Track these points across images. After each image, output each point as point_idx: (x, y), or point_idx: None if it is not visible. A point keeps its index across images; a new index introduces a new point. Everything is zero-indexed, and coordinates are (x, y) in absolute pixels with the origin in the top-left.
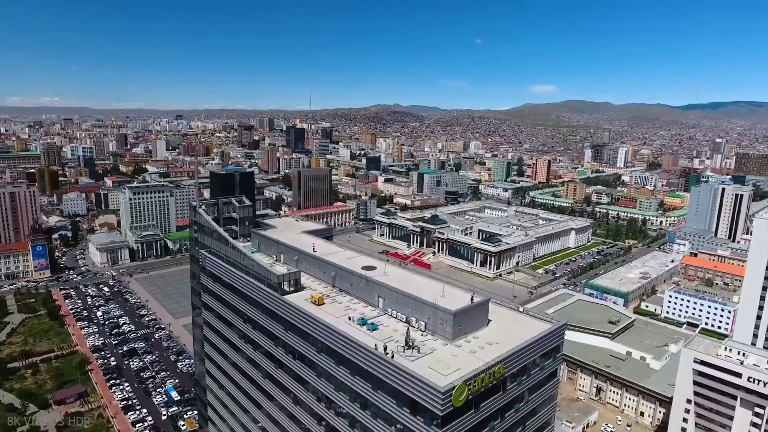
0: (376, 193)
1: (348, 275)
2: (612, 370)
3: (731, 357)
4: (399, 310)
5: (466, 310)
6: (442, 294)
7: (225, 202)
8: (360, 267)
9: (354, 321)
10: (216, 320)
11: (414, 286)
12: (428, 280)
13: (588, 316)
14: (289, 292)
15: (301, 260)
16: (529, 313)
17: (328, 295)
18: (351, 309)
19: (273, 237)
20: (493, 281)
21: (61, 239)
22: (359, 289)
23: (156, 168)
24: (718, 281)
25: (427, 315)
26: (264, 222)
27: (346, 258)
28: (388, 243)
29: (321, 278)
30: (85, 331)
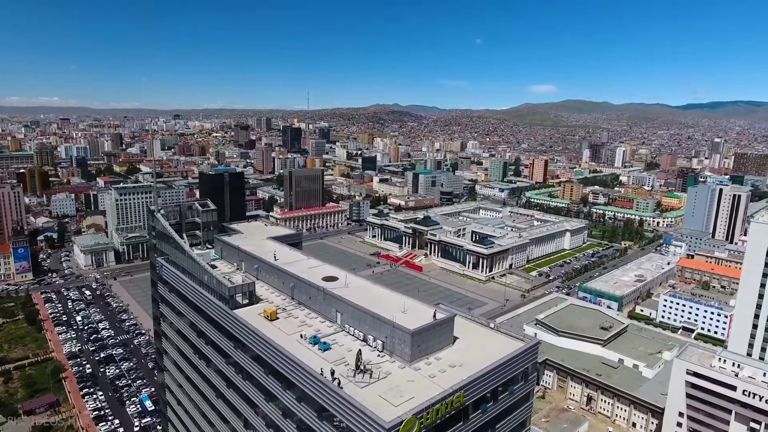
0: (371, 194)
1: (306, 287)
2: (603, 378)
3: (725, 368)
4: (357, 326)
5: (427, 329)
6: (403, 309)
7: (188, 206)
8: (320, 278)
9: (306, 339)
10: (172, 332)
11: (374, 300)
12: (392, 292)
13: (580, 322)
14: (242, 305)
15: (261, 269)
16: (501, 330)
17: (284, 309)
18: (306, 325)
19: (234, 244)
20: (486, 284)
21: (47, 241)
22: (317, 302)
23: (150, 168)
24: (715, 284)
25: (384, 333)
26: (230, 227)
27: (307, 267)
28: (379, 244)
29: (281, 289)
30: (63, 337)
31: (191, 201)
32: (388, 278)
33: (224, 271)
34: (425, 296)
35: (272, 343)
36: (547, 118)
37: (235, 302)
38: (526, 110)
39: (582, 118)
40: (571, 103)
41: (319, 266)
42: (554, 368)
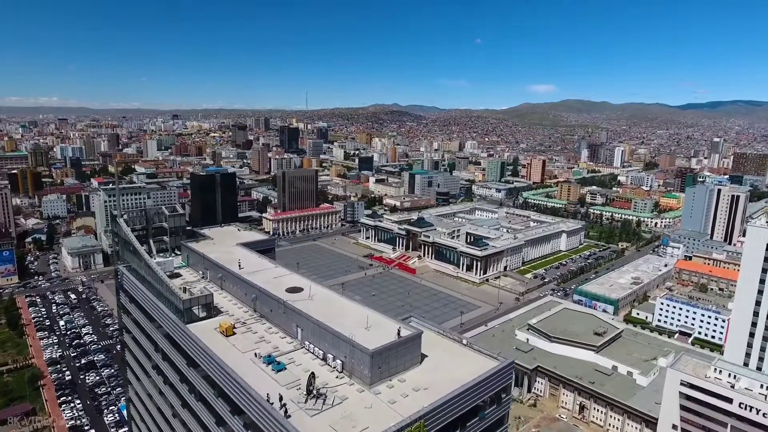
0: (367, 194)
1: (268, 299)
2: (596, 386)
3: (721, 379)
4: (317, 344)
5: (390, 348)
6: (367, 325)
7: (155, 210)
8: (284, 289)
9: (260, 358)
10: (133, 344)
11: (338, 314)
12: (358, 305)
13: (573, 327)
14: (199, 319)
15: (225, 279)
16: (474, 347)
17: (244, 323)
18: (265, 341)
19: (199, 251)
20: (479, 286)
21: (35, 243)
22: (278, 315)
23: (145, 168)
24: (713, 286)
25: (344, 352)
26: (200, 232)
27: (272, 277)
28: (373, 246)
29: (244, 301)
30: (44, 342)
31: (183, 202)
32: (380, 281)
33: (189, 280)
34: (417, 299)
35: (220, 362)
36: (546, 118)
37: (191, 315)
38: (525, 110)
39: (581, 117)
40: (570, 102)
41: (286, 275)
42: (546, 375)
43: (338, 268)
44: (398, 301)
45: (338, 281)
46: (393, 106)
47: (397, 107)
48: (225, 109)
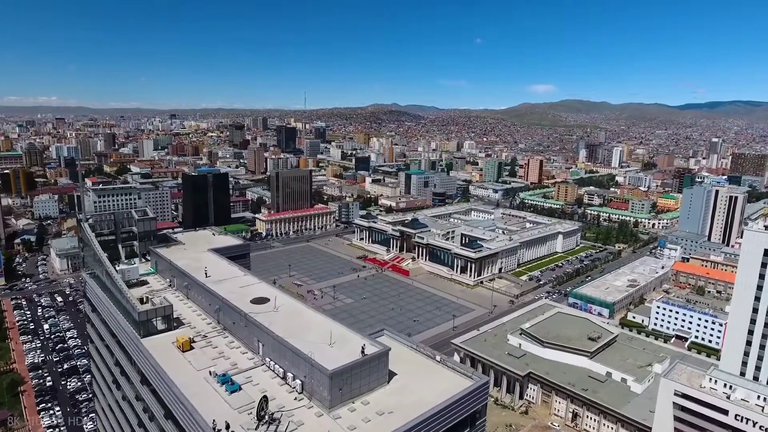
0: (363, 195)
1: (230, 310)
2: (589, 393)
3: (717, 390)
4: (278, 361)
5: (353, 368)
6: (330, 341)
7: (125, 214)
8: (249, 299)
9: (214, 377)
10: (97, 355)
11: (302, 329)
12: (326, 319)
13: (567, 332)
14: (158, 331)
15: (191, 287)
16: (448, 364)
17: (205, 336)
18: (224, 357)
19: (167, 257)
20: (473, 289)
21: (24, 244)
22: (240, 328)
23: (140, 168)
24: (710, 289)
25: (303, 372)
26: (173, 237)
27: (239, 286)
28: (367, 247)
29: (208, 311)
30: (27, 347)
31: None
32: (373, 283)
33: (155, 288)
34: (409, 302)
35: (168, 382)
36: (545, 118)
37: (149, 328)
38: (524, 110)
39: (580, 117)
40: (569, 102)
41: (254, 285)
42: (539, 382)
43: (331, 270)
44: (390, 304)
45: (330, 283)
46: (392, 106)
47: (397, 107)
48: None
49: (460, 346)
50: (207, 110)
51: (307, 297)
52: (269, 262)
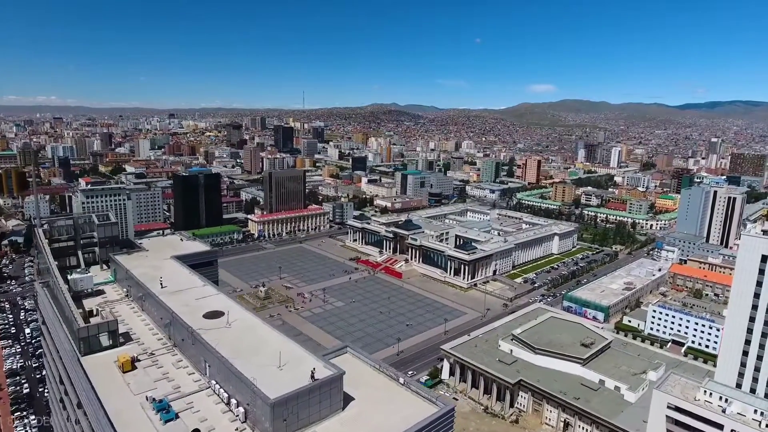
0: (358, 195)
1: (180, 326)
2: (581, 402)
3: (712, 403)
4: (224, 384)
5: (299, 396)
6: (280, 364)
7: (85, 219)
8: (202, 313)
9: (150, 403)
10: (48, 370)
11: (253, 348)
12: (281, 337)
13: (560, 337)
14: (102, 348)
15: (145, 299)
16: (412, 387)
17: (152, 353)
18: (167, 379)
19: (124, 265)
20: (467, 292)
21: (12, 245)
22: (189, 346)
23: (135, 168)
24: (708, 291)
25: (247, 398)
26: (138, 243)
27: (194, 299)
28: (360, 249)
29: (161, 325)
30: (7, 352)
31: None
32: (365, 285)
33: (111, 299)
34: (400, 306)
35: (95, 408)
36: (544, 118)
37: (91, 345)
38: (524, 110)
39: (580, 117)
40: (569, 102)
41: (210, 296)
42: (529, 390)
43: (322, 272)
44: (381, 308)
45: (321, 286)
46: (391, 106)
47: (396, 107)
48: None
49: (450, 352)
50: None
51: (297, 300)
52: (260, 264)
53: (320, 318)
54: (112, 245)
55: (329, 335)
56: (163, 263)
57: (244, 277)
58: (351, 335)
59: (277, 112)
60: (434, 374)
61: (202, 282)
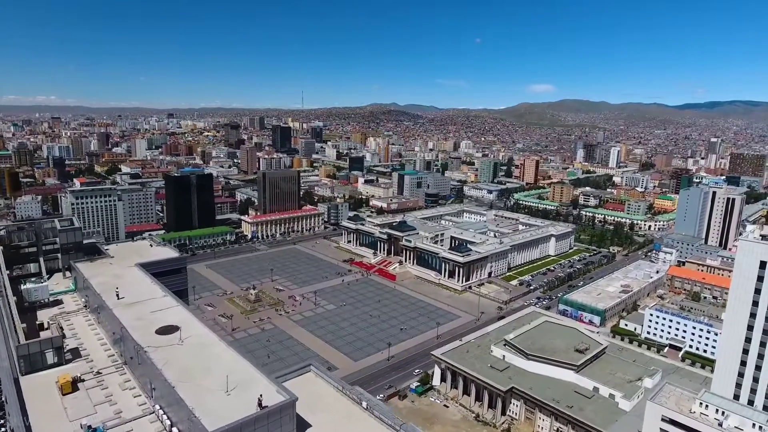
0: (355, 195)
1: (129, 343)
2: (574, 411)
3: (708, 416)
4: (167, 410)
5: (242, 427)
6: (228, 388)
7: (47, 224)
8: (155, 328)
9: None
10: None
11: (202, 368)
12: (235, 355)
13: (553, 343)
14: (47, 366)
15: (100, 310)
16: (375, 413)
17: (99, 373)
18: (110, 402)
19: (84, 274)
20: (461, 294)
21: None
22: (136, 365)
23: (131, 168)
24: (706, 294)
25: (187, 428)
26: (105, 249)
27: (149, 311)
28: (354, 250)
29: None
30: None
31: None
32: (357, 288)
33: (69, 310)
34: (392, 309)
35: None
36: (544, 118)
37: (31, 363)
38: (523, 109)
39: (579, 117)
40: (568, 102)
41: (168, 309)
42: (522, 397)
43: (315, 274)
44: (373, 311)
45: (313, 288)
46: (391, 106)
47: (396, 107)
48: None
49: (441, 358)
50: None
51: (288, 303)
52: (252, 266)
53: (311, 322)
54: (76, 252)
55: (319, 339)
56: (126, 271)
57: (235, 280)
58: (341, 339)
59: (277, 112)
60: (425, 380)
61: (162, 293)
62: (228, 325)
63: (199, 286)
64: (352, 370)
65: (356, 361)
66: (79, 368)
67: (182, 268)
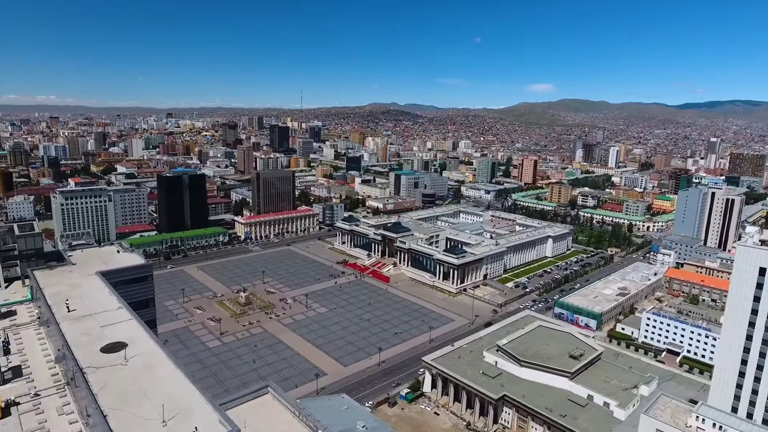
0: (351, 196)
1: (70, 362)
2: (567, 420)
3: (704, 430)
4: None
5: None
6: (163, 418)
7: (6, 229)
8: (101, 345)
9: None
10: None
11: (144, 392)
12: (182, 377)
13: (547, 348)
14: None
15: (50, 324)
16: None
17: (37, 395)
18: (42, 429)
19: (40, 283)
20: (456, 297)
21: None
22: (75, 387)
23: (126, 168)
24: (705, 297)
25: None
26: (68, 255)
27: (99, 326)
28: (349, 252)
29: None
30: None
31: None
32: (350, 290)
33: (21, 322)
34: (385, 312)
35: None
36: (543, 117)
37: None
38: (523, 109)
39: (579, 117)
40: (568, 102)
41: (119, 323)
42: (514, 405)
43: (308, 276)
44: (365, 314)
45: (305, 291)
46: (391, 105)
47: (396, 106)
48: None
49: (432, 364)
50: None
51: (279, 306)
52: (245, 268)
53: (301, 325)
54: (37, 258)
55: (309, 344)
56: (85, 280)
57: (226, 282)
58: (331, 344)
59: (276, 111)
60: (416, 387)
61: (118, 304)
62: (217, 329)
63: (189, 288)
64: (341, 376)
65: (346, 366)
66: (17, 389)
67: (148, 276)
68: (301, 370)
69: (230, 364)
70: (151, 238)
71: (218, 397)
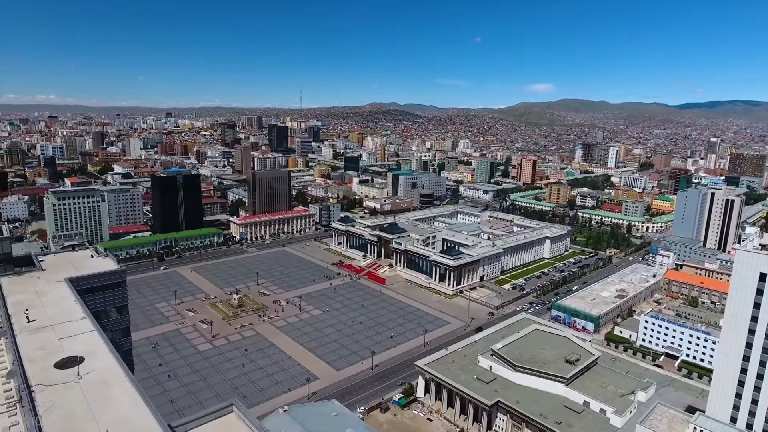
0: (349, 196)
1: (20, 378)
2: (562, 427)
3: None
4: None
5: None
6: None
7: None
8: (55, 360)
9: None
10: None
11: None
12: (136, 399)
13: (543, 353)
14: None
15: (7, 335)
16: None
17: None
18: None
19: (4, 290)
20: (452, 299)
21: None
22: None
23: (123, 168)
24: (704, 299)
25: None
26: (40, 260)
27: (57, 338)
28: (344, 253)
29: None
30: None
31: None
32: (345, 292)
33: None
34: (379, 314)
35: None
36: (543, 117)
37: None
38: (523, 109)
39: (579, 117)
40: (568, 102)
41: (79, 335)
42: (508, 412)
43: (302, 278)
44: (359, 317)
45: (299, 292)
46: (391, 105)
47: (396, 106)
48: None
49: (424, 368)
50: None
51: (272, 308)
52: (239, 269)
53: (294, 328)
54: (5, 263)
55: (301, 347)
56: (51, 287)
57: (219, 283)
58: (324, 347)
59: (276, 111)
60: (409, 392)
61: (82, 314)
62: (208, 332)
63: (181, 290)
64: (333, 381)
65: (338, 370)
66: None
67: (121, 282)
68: (293, 374)
69: (220, 368)
70: (144, 239)
71: (192, 409)
